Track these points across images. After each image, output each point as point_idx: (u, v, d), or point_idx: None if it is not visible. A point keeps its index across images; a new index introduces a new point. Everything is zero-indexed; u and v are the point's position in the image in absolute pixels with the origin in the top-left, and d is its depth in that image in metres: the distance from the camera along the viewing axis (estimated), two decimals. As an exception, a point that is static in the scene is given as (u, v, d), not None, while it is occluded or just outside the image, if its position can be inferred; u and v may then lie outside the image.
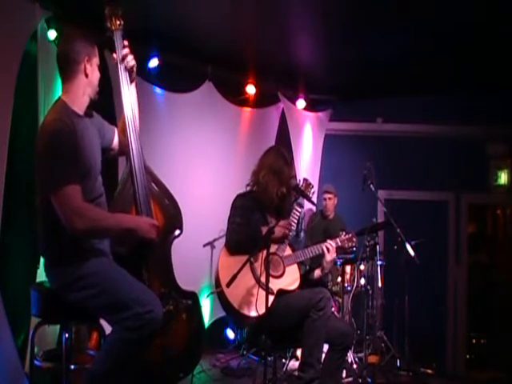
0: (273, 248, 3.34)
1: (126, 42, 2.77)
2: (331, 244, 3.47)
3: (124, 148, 2.80)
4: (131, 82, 2.80)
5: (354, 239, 3.57)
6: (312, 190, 3.55)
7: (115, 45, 2.73)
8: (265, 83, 6.02)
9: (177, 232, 2.87)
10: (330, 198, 5.85)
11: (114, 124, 2.91)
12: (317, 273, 3.58)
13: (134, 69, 2.79)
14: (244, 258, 3.13)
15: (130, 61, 2.75)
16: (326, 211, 5.87)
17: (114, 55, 2.75)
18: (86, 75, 2.59)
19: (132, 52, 2.77)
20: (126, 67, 2.74)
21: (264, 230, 3.27)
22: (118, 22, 2.74)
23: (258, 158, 3.65)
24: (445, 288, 6.32)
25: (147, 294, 2.52)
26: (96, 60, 2.63)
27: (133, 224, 2.55)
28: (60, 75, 2.63)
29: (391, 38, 4.92)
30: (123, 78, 2.74)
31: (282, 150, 3.65)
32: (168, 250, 2.85)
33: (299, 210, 3.52)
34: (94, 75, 2.62)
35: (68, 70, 2.59)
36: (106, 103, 2.70)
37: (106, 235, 2.61)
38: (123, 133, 2.80)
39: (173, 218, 2.87)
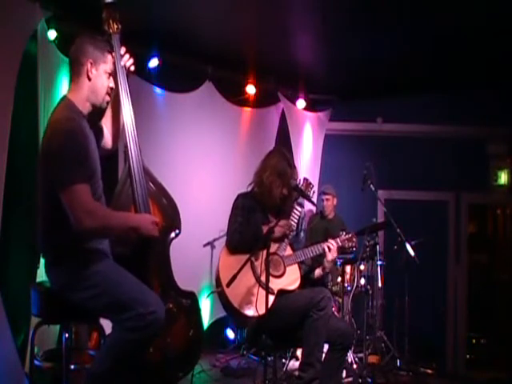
0: (273, 248, 3.34)
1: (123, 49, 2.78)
2: (332, 244, 3.48)
3: (114, 142, 2.84)
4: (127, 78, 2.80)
5: (354, 239, 3.58)
6: (312, 190, 3.56)
7: (113, 48, 2.73)
8: (265, 83, 6.02)
9: (175, 232, 2.88)
10: (327, 199, 5.84)
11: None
12: (318, 272, 3.60)
13: (132, 67, 2.80)
14: (244, 257, 3.13)
15: (127, 60, 2.77)
16: (325, 212, 5.87)
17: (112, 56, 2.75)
18: (89, 78, 2.58)
19: (132, 52, 2.78)
20: (123, 66, 2.75)
21: (265, 229, 3.28)
22: (116, 26, 2.74)
23: (258, 158, 3.67)
24: (445, 288, 6.31)
25: (149, 295, 2.52)
26: (104, 67, 2.60)
27: (135, 222, 2.55)
28: (69, 73, 2.67)
29: (391, 37, 4.92)
30: (121, 79, 2.74)
31: (285, 152, 3.68)
32: (167, 250, 2.85)
33: (299, 209, 3.54)
34: (99, 81, 2.60)
35: (73, 69, 2.62)
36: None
37: (112, 234, 2.61)
38: (114, 125, 2.84)
39: (171, 219, 2.87)
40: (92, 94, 2.60)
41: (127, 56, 2.78)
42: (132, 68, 2.82)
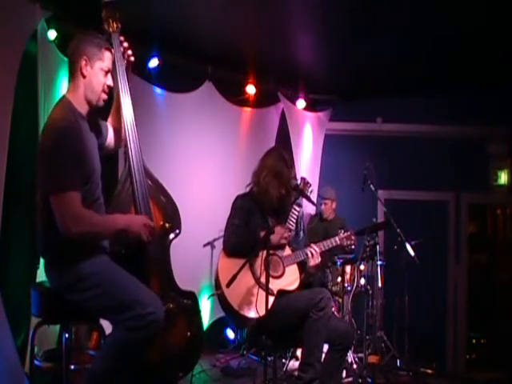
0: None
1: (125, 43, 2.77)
2: (315, 249, 3.46)
3: (117, 141, 2.84)
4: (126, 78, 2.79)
5: (353, 237, 3.58)
6: (310, 189, 3.56)
7: (113, 47, 2.73)
8: (265, 83, 6.02)
9: (175, 232, 2.87)
10: (325, 204, 5.82)
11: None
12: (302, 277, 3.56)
13: (131, 59, 2.79)
14: (243, 259, 3.13)
15: (130, 56, 2.76)
16: (324, 214, 5.87)
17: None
18: (84, 76, 2.57)
19: (132, 52, 2.78)
20: (123, 65, 2.74)
21: (262, 234, 3.26)
22: (116, 25, 2.74)
23: (258, 158, 3.66)
24: (445, 288, 6.31)
25: (149, 295, 2.52)
26: (100, 64, 2.58)
27: (123, 224, 2.55)
28: (68, 74, 2.67)
29: (391, 37, 4.92)
30: (121, 78, 2.74)
31: (283, 152, 3.67)
32: (167, 250, 2.85)
33: (297, 209, 3.53)
34: (94, 79, 2.58)
35: (70, 68, 2.62)
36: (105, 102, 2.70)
37: (101, 239, 2.61)
38: (116, 124, 2.83)
39: (171, 218, 2.87)
40: (88, 91, 2.59)
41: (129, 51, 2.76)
42: (131, 58, 2.79)
